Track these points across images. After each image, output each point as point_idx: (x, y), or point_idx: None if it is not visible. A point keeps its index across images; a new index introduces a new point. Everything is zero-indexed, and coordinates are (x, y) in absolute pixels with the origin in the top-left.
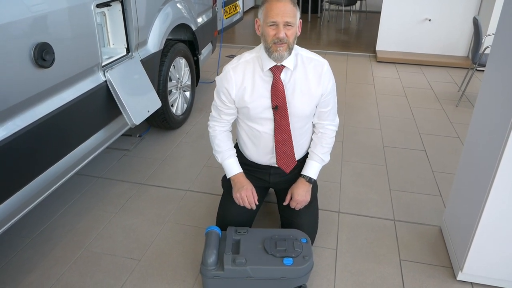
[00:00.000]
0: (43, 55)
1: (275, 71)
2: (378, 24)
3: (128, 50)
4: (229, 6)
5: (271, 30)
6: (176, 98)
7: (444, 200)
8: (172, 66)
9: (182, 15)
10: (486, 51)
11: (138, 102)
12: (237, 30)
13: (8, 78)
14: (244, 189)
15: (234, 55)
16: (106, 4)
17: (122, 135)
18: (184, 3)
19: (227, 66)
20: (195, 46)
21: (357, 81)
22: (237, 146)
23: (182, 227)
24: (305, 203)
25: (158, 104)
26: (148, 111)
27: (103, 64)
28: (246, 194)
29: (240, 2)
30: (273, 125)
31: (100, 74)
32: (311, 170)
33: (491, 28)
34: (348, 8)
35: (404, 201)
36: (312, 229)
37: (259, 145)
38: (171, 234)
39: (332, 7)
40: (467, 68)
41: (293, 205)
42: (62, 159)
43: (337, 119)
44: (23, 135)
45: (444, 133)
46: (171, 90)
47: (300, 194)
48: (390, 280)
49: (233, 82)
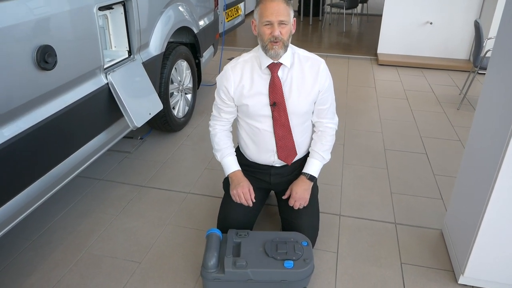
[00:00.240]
0: (46, 58)
1: (273, 69)
2: (380, 27)
3: (130, 53)
4: (231, 9)
5: (267, 29)
6: (178, 101)
7: (445, 203)
8: (174, 69)
9: (184, 18)
10: (488, 55)
11: (140, 105)
12: (239, 33)
13: (11, 81)
14: (241, 186)
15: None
16: (108, 7)
17: (124, 138)
18: (186, 6)
19: (226, 66)
20: (197, 49)
21: (358, 84)
22: (238, 150)
23: (183, 230)
24: (304, 202)
25: (160, 107)
26: (150, 114)
27: (105, 67)
28: (243, 191)
29: (242, 5)
30: (272, 122)
31: (102, 77)
32: (312, 168)
33: (492, 32)
34: (350, 11)
35: (405, 204)
36: (313, 231)
37: (259, 143)
38: (172, 237)
39: (334, 10)
40: (469, 71)
41: (291, 203)
42: (64, 161)
43: (336, 118)
44: (25, 137)
45: (446, 136)
46: (173, 93)
47: (299, 192)
48: (391, 284)
49: (232, 80)
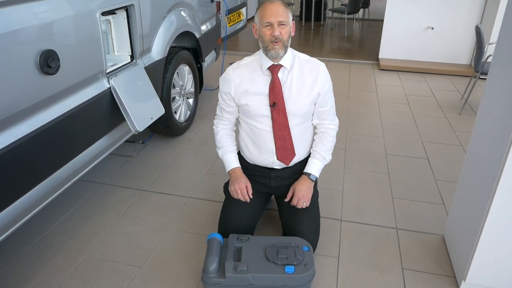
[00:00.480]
0: (49, 62)
1: (273, 70)
2: (381, 32)
3: (133, 57)
4: (233, 14)
5: (267, 30)
6: (180, 105)
7: (447, 209)
8: (176, 73)
9: (186, 23)
10: (489, 60)
11: (142, 109)
12: (241, 38)
13: (14, 85)
14: (238, 182)
15: None
16: (111, 12)
17: (125, 142)
18: (188, 11)
19: (228, 68)
20: (199, 54)
21: (360, 89)
22: (239, 154)
23: (184, 234)
24: (307, 201)
25: (162, 111)
26: (152, 118)
27: (108, 71)
28: (240, 187)
29: (244, 10)
30: (271, 123)
31: (105, 81)
32: (313, 168)
33: (494, 37)
34: (351, 16)
35: (407, 210)
36: (314, 235)
37: (259, 143)
38: (173, 241)
39: (335, 15)
40: (470, 76)
41: (295, 202)
42: (66, 165)
43: (337, 120)
44: (28, 141)
45: (447, 141)
46: (175, 97)
47: (302, 190)
48: None
49: (233, 81)
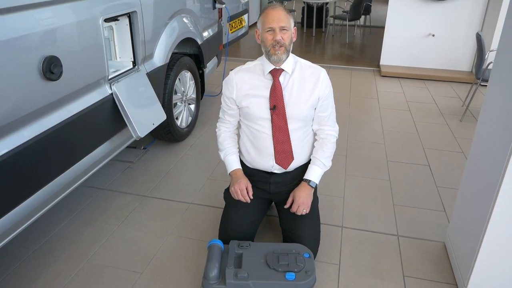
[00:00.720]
0: (51, 68)
1: (275, 74)
2: (382, 39)
3: (135, 64)
4: (235, 21)
5: (269, 35)
6: (181, 111)
7: (448, 216)
8: (178, 79)
9: (188, 30)
10: (490, 67)
11: (143, 115)
12: (242, 44)
13: (17, 90)
14: (238, 183)
15: None
16: (114, 19)
17: (127, 147)
18: (191, 18)
19: (231, 71)
20: (201, 60)
21: (361, 95)
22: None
23: (185, 240)
24: (307, 207)
25: (163, 117)
26: (153, 124)
27: (110, 77)
28: (240, 187)
29: (245, 17)
30: (271, 125)
31: (107, 87)
32: (313, 174)
33: (495, 44)
34: (353, 23)
35: (408, 216)
36: (314, 242)
37: (258, 146)
38: (174, 247)
39: (337, 22)
40: (471, 83)
41: (294, 208)
42: (67, 171)
43: (337, 126)
44: (30, 146)
45: (448, 148)
46: (176, 103)
47: (302, 197)
48: None
49: (234, 83)
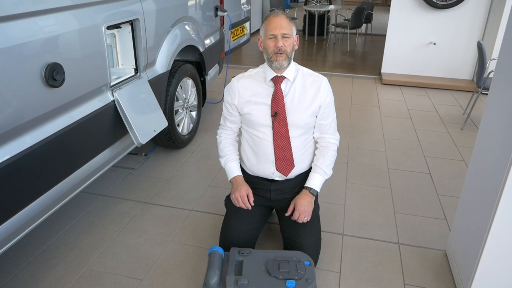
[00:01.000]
0: (54, 75)
1: (276, 81)
2: (383, 47)
3: (137, 71)
4: (236, 28)
5: (271, 42)
6: (182, 118)
7: (449, 224)
8: (179, 86)
9: (190, 37)
10: (491, 75)
11: (145, 122)
12: (244, 52)
13: (19, 97)
14: (238, 190)
15: None
16: (117, 26)
17: (128, 154)
18: (193, 25)
19: (233, 78)
20: (202, 67)
21: (362, 103)
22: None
23: (185, 247)
24: (308, 215)
25: (165, 124)
26: (155, 131)
27: (112, 84)
28: (240, 194)
29: (247, 24)
30: (272, 132)
31: (109, 94)
32: (314, 182)
33: (495, 53)
34: (354, 31)
35: (409, 224)
36: (315, 250)
37: (259, 153)
38: (174, 254)
39: (338, 30)
40: (472, 92)
41: (296, 216)
42: (69, 177)
43: (338, 135)
44: (32, 153)
45: (449, 156)
46: (178, 110)
47: (303, 204)
48: None
49: (236, 90)
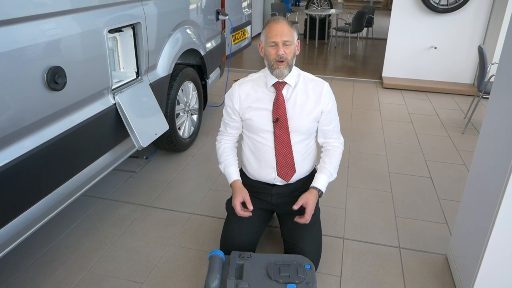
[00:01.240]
0: (56, 79)
1: (278, 87)
2: (384, 51)
3: (138, 74)
4: (238, 32)
5: (272, 49)
6: (184, 121)
7: (450, 228)
8: (180, 90)
9: (192, 41)
10: (492, 79)
11: (146, 125)
12: (245, 55)
13: (21, 100)
14: (234, 198)
15: None
16: (118, 30)
17: (129, 157)
18: (194, 29)
19: (234, 83)
20: (203, 71)
21: (363, 107)
22: (241, 171)
23: (186, 251)
24: (310, 212)
25: (166, 127)
26: (156, 134)
27: (113, 88)
28: (234, 205)
29: (248, 28)
30: (274, 138)
31: (110, 97)
32: (320, 183)
33: (496, 57)
34: (355, 35)
35: (410, 228)
36: (316, 254)
37: (261, 158)
38: (175, 258)
39: (339, 34)
40: (473, 96)
41: (305, 219)
42: (69, 180)
43: (342, 138)
44: (33, 156)
45: (450, 160)
46: (179, 113)
47: (311, 200)
48: None
49: (238, 95)
